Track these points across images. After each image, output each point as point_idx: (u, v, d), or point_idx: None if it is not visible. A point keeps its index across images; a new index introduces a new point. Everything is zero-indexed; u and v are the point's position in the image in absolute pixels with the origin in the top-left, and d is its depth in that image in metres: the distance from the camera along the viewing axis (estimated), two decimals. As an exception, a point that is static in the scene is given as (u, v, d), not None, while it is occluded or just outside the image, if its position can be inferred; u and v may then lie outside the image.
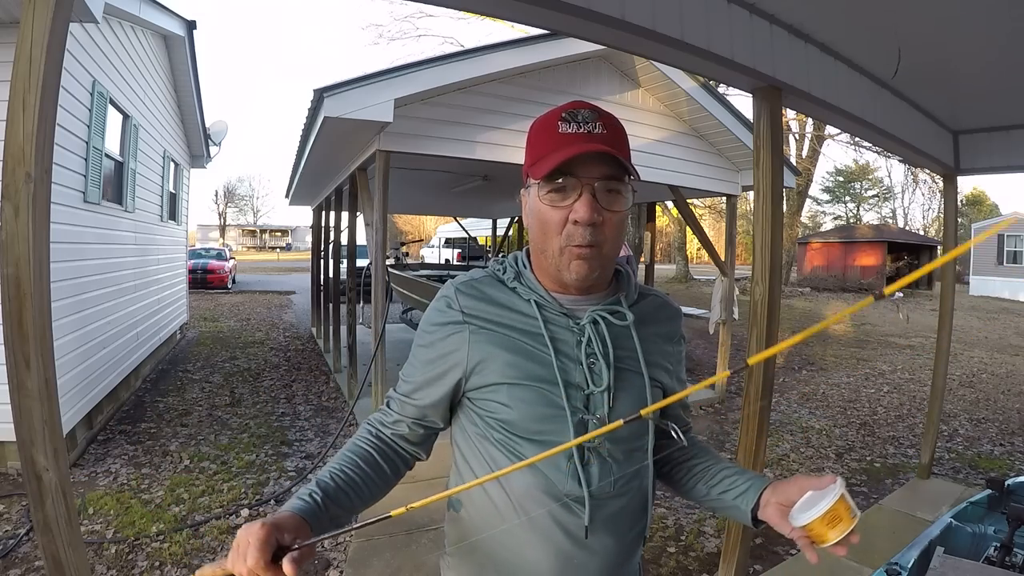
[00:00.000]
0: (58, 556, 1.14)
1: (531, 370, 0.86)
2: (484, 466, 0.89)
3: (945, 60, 2.44)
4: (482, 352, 0.87)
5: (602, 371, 0.87)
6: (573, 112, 0.84)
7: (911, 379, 7.50)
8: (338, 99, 3.58)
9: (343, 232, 6.85)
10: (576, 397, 0.86)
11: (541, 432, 0.85)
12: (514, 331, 0.88)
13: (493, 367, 0.86)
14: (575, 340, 0.88)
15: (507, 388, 0.86)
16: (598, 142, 0.82)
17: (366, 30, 72.01)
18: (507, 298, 0.90)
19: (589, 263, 0.84)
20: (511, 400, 0.86)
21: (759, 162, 2.13)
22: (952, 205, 3.96)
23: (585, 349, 0.87)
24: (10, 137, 1.06)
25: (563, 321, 0.89)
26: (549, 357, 0.86)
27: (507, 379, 0.86)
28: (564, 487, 0.85)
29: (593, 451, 0.87)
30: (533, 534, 0.86)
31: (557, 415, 0.85)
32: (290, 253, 47.68)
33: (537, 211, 0.86)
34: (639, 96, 5.17)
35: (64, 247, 3.85)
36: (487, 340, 0.87)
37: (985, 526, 2.02)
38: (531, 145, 0.88)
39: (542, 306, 0.89)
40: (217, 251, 18.73)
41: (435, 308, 0.93)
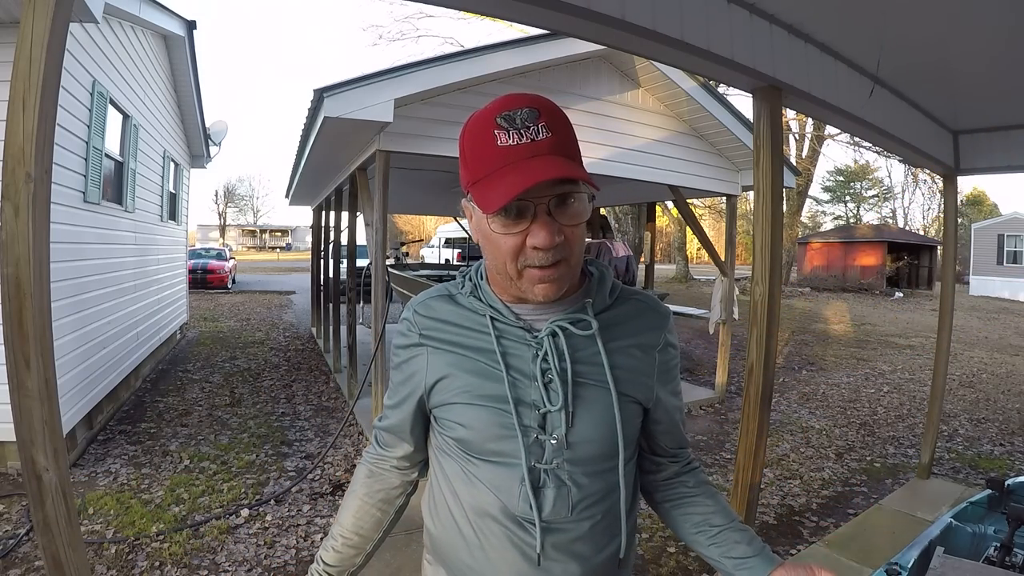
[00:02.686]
0: (58, 556, 1.14)
1: (484, 388, 0.83)
2: (445, 479, 0.90)
3: (945, 60, 2.44)
4: (439, 371, 0.86)
5: (558, 387, 0.81)
6: (509, 116, 0.73)
7: (911, 379, 7.49)
8: (338, 99, 3.58)
9: (343, 232, 6.85)
10: (529, 416, 0.82)
11: (494, 452, 0.83)
12: (468, 349, 0.85)
13: (448, 386, 0.85)
14: (531, 354, 0.83)
15: (460, 408, 0.84)
16: (545, 153, 0.73)
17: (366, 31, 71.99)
18: (462, 315, 0.87)
19: (556, 283, 0.78)
20: (465, 419, 0.84)
21: (759, 162, 2.13)
22: (952, 205, 3.96)
23: (540, 365, 0.82)
24: (10, 137, 1.06)
25: (519, 334, 0.84)
26: (502, 374, 0.82)
27: (460, 399, 0.84)
28: (517, 510, 0.82)
29: (549, 473, 0.82)
30: (492, 554, 0.84)
31: (510, 435, 0.81)
32: (290, 253, 47.67)
33: (487, 235, 0.78)
34: (639, 96, 5.17)
35: (64, 247, 3.85)
36: (443, 360, 0.86)
37: (985, 526, 2.02)
38: (467, 159, 0.77)
39: (496, 320, 0.85)
40: (217, 251, 18.73)
41: (399, 331, 0.93)
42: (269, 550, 2.90)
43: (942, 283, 3.99)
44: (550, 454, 0.82)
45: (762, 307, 2.13)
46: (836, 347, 9.83)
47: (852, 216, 41.60)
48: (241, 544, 2.95)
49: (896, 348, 9.88)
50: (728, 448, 4.63)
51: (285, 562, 2.81)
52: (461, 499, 0.87)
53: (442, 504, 0.91)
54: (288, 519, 3.23)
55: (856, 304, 17.36)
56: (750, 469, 2.16)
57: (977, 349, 10.04)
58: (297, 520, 3.22)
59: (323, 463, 4.02)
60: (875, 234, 23.84)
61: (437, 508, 0.92)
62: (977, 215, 36.06)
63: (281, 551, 2.90)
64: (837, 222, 40.79)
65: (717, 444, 4.75)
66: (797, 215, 22.70)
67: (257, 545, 2.95)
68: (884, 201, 42.40)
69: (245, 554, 2.85)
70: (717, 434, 5.01)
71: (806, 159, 20.90)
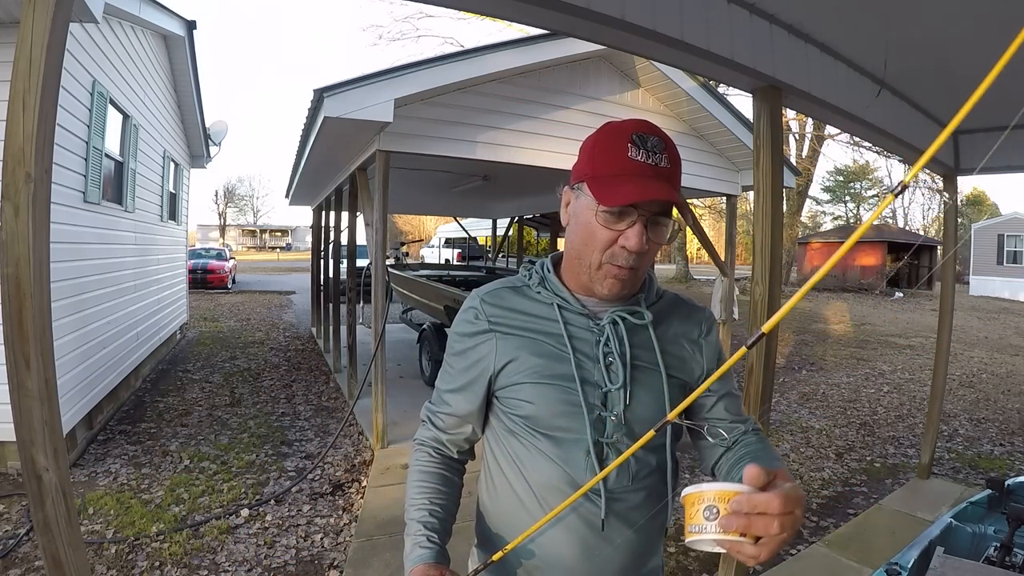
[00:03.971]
0: (58, 556, 1.14)
1: (552, 368, 0.90)
2: (509, 461, 0.95)
3: (945, 60, 2.44)
4: (508, 355, 0.92)
5: (618, 369, 0.90)
6: (643, 137, 0.85)
7: (911, 379, 7.49)
8: (338, 99, 3.58)
9: (343, 232, 6.85)
10: (593, 394, 0.90)
11: (560, 428, 0.90)
12: (537, 334, 0.93)
13: (518, 367, 0.92)
14: (594, 339, 0.92)
15: (530, 386, 0.91)
16: (664, 180, 0.85)
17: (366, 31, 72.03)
18: (530, 304, 0.95)
19: (623, 283, 0.89)
20: (533, 397, 0.91)
21: (759, 162, 2.14)
22: (952, 205, 3.96)
23: (603, 348, 0.91)
24: (10, 137, 1.06)
25: (583, 322, 0.93)
26: (568, 356, 0.90)
27: (530, 378, 0.91)
28: (582, 480, 0.88)
29: (611, 446, 0.90)
30: (556, 525, 0.89)
31: (575, 412, 0.89)
32: (290, 253, 47.66)
33: (587, 223, 0.88)
34: (639, 96, 5.17)
35: (64, 247, 3.85)
36: (512, 344, 0.93)
37: (985, 526, 2.02)
38: (595, 155, 0.88)
39: (563, 308, 0.94)
40: (217, 251, 18.73)
41: (463, 319, 0.98)
42: (269, 550, 2.90)
43: (942, 283, 4.00)
44: (611, 429, 0.90)
45: (762, 307, 2.13)
46: (836, 347, 9.83)
47: (852, 216, 41.59)
48: (241, 544, 2.95)
49: (896, 348, 9.88)
50: (728, 448, 4.62)
51: (285, 562, 2.81)
52: (526, 476, 0.92)
53: (503, 485, 0.96)
54: (288, 519, 3.23)
55: (856, 304, 17.36)
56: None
57: (977, 349, 10.04)
58: (297, 520, 3.22)
59: (323, 463, 4.02)
60: (875, 234, 23.85)
61: (497, 490, 0.97)
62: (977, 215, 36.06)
63: (281, 551, 2.90)
64: (837, 222, 40.81)
65: (717, 444, 4.74)
66: (797, 215, 22.70)
67: (257, 545, 2.95)
68: (884, 201, 42.34)
69: (245, 554, 2.85)
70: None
71: (806, 159, 20.91)
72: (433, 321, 6.22)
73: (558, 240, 12.70)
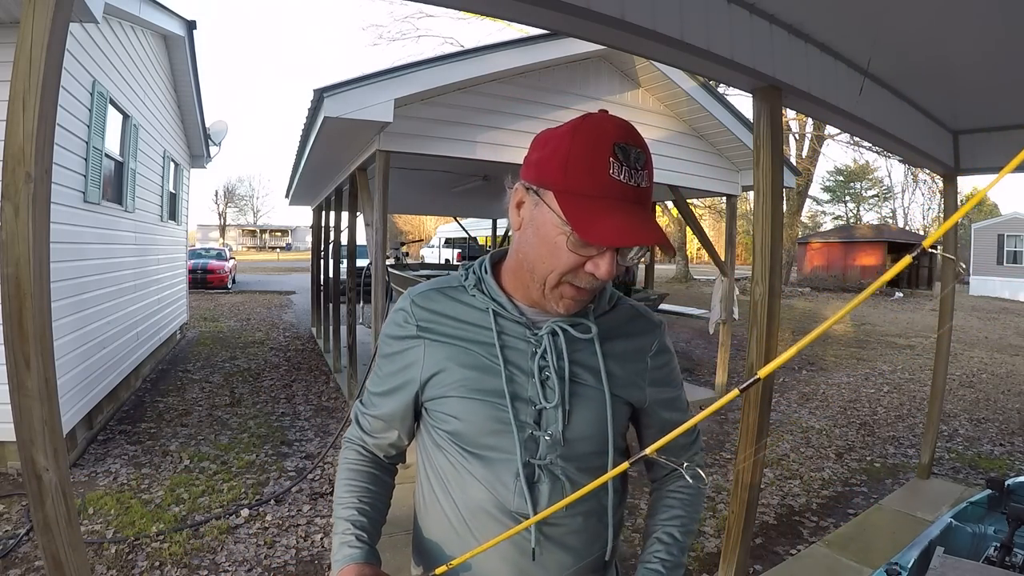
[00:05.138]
0: (58, 556, 1.14)
1: (481, 382, 0.83)
2: (437, 478, 0.89)
3: (945, 60, 2.44)
4: (436, 364, 0.86)
5: (555, 385, 0.83)
6: (626, 148, 0.74)
7: (911, 379, 7.49)
8: (338, 99, 3.58)
9: (343, 232, 6.85)
10: (525, 411, 0.83)
11: (488, 447, 0.84)
12: (468, 343, 0.85)
13: (445, 379, 0.85)
14: (530, 351, 0.84)
15: (456, 400, 0.84)
16: (644, 206, 0.75)
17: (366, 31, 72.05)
18: (462, 309, 0.87)
19: (580, 304, 0.82)
20: (460, 412, 0.84)
21: (759, 162, 2.14)
22: (952, 205, 3.96)
23: (539, 362, 0.83)
24: (10, 137, 1.06)
25: (519, 331, 0.85)
26: (499, 368, 0.83)
27: (457, 391, 0.84)
28: (511, 504, 0.83)
29: (544, 468, 0.84)
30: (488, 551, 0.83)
31: (505, 430, 0.83)
32: (290, 253, 47.67)
33: (549, 240, 0.76)
34: (639, 96, 5.17)
35: (64, 247, 3.85)
36: (441, 353, 0.85)
37: (985, 526, 2.02)
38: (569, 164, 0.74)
39: (498, 314, 0.86)
40: (217, 251, 18.73)
41: (393, 320, 0.91)
42: (269, 550, 2.90)
43: (942, 283, 4.00)
44: (544, 450, 0.84)
45: (762, 307, 2.13)
46: (836, 347, 9.83)
47: (852, 216, 41.60)
48: (241, 544, 2.95)
49: (896, 348, 9.88)
50: (728, 448, 4.63)
51: (285, 562, 2.81)
52: (453, 496, 0.87)
53: (432, 502, 0.91)
54: (288, 519, 3.23)
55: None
56: (749, 469, 2.16)
57: (977, 349, 10.04)
58: (297, 520, 3.22)
59: (323, 463, 4.02)
60: (875, 234, 23.88)
61: (427, 507, 0.92)
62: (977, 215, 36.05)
63: (281, 551, 2.90)
64: (837, 222, 40.80)
65: (717, 444, 4.75)
66: (797, 215, 22.70)
67: (257, 545, 2.95)
68: (884, 201, 42.41)
69: (245, 554, 2.85)
70: (717, 434, 5.01)
71: (806, 159, 20.90)
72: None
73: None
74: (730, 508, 2.29)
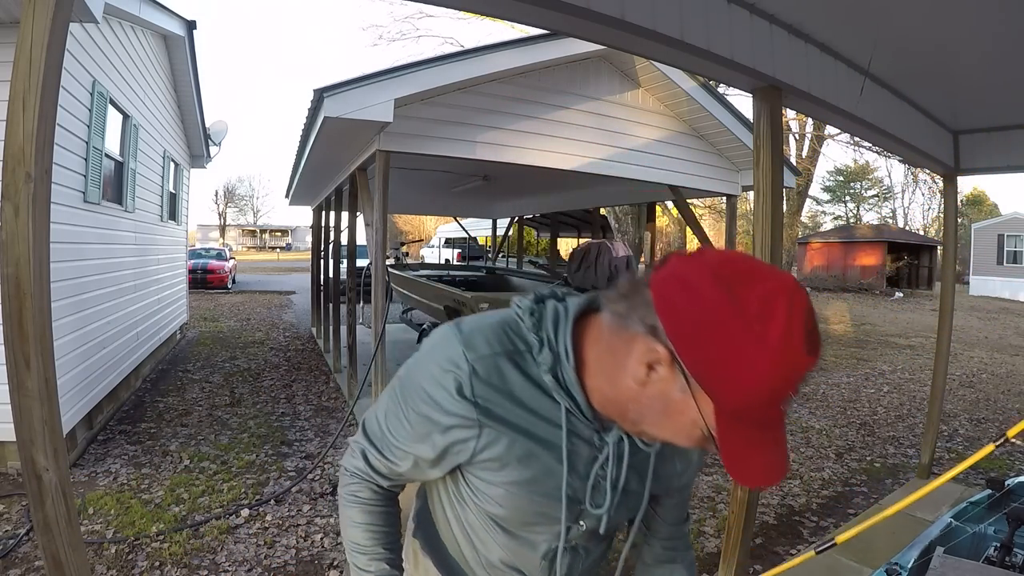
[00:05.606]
0: (58, 556, 1.14)
1: (538, 485, 0.78)
2: (459, 524, 0.88)
3: (945, 59, 2.44)
4: (491, 453, 0.76)
5: (606, 494, 0.81)
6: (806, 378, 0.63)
7: (911, 379, 7.49)
8: (338, 99, 3.58)
9: (343, 232, 6.85)
10: (571, 510, 0.82)
11: (527, 531, 0.84)
12: (534, 440, 0.76)
13: (499, 470, 0.78)
14: (591, 455, 0.79)
15: (505, 491, 0.79)
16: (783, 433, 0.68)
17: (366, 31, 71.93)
18: (531, 391, 0.76)
19: None
20: (505, 502, 0.81)
21: (759, 162, 2.14)
22: (952, 205, 3.96)
23: (597, 470, 0.80)
24: (10, 137, 1.06)
25: (587, 433, 0.78)
26: (561, 477, 0.78)
27: (508, 486, 0.79)
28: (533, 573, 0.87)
29: (569, 549, 0.86)
30: None
31: (545, 522, 0.83)
32: (290, 253, 47.65)
33: (680, 426, 0.68)
34: (639, 96, 5.17)
35: (64, 247, 3.85)
36: (501, 445, 0.76)
37: (985, 526, 2.02)
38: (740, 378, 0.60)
39: (571, 414, 0.76)
40: (217, 251, 18.73)
41: (442, 385, 0.74)
42: (269, 550, 2.90)
43: (942, 283, 4.00)
44: (575, 535, 0.85)
45: (762, 307, 2.13)
46: (836, 347, 9.83)
47: (852, 216, 41.58)
48: (241, 544, 2.95)
49: (896, 348, 9.87)
50: (728, 448, 4.62)
51: (285, 562, 2.81)
52: (476, 546, 0.88)
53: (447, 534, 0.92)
54: (288, 519, 3.23)
55: (856, 304, 17.35)
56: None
57: (977, 349, 10.04)
58: (297, 520, 3.22)
59: (323, 463, 4.02)
60: (875, 234, 23.86)
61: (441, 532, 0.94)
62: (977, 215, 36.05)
63: (281, 551, 2.90)
64: (837, 222, 40.76)
65: (717, 444, 4.75)
66: (797, 215, 22.67)
67: (257, 545, 2.95)
68: (884, 201, 42.39)
69: (245, 554, 2.85)
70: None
71: (806, 159, 20.87)
72: (433, 321, 6.22)
73: (557, 240, 12.69)
74: (730, 508, 2.29)
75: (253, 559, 2.81)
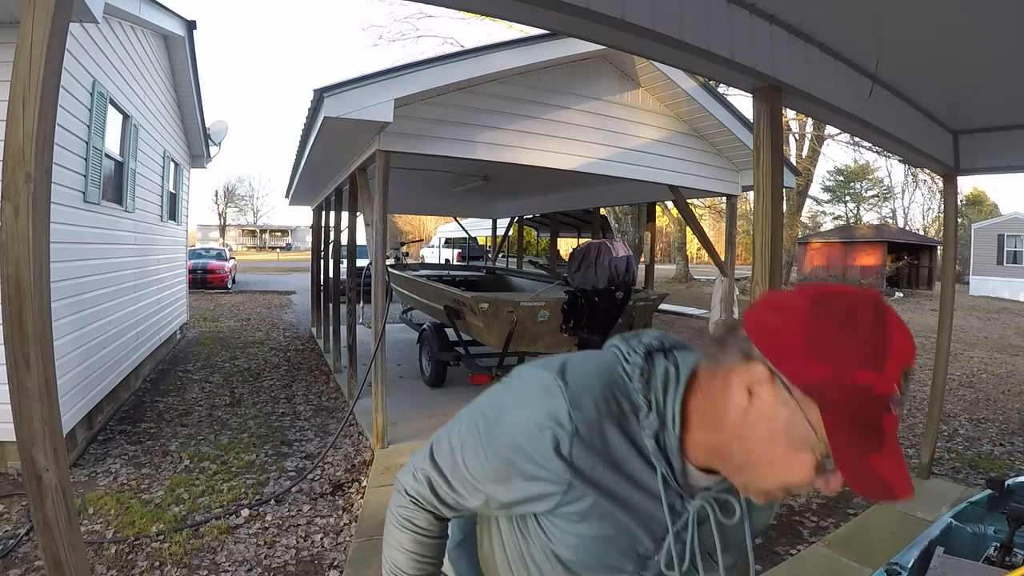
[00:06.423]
0: (58, 556, 1.14)
1: (615, 541, 0.75)
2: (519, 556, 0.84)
3: (945, 60, 2.44)
4: (574, 507, 0.73)
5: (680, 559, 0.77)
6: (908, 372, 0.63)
7: (911, 379, 7.49)
8: (338, 99, 3.58)
9: (343, 232, 6.85)
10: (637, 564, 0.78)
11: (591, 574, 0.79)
12: (619, 502, 0.73)
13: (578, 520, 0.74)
14: (672, 518, 0.76)
15: (579, 540, 0.75)
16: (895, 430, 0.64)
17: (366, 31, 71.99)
18: (629, 455, 0.73)
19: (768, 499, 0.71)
20: (578, 551, 0.76)
21: (759, 162, 2.14)
22: (952, 205, 3.96)
23: (676, 535, 0.76)
24: (10, 137, 1.06)
25: (672, 497, 0.75)
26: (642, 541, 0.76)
27: (585, 536, 0.75)
28: None
29: None
30: None
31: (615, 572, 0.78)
32: (290, 253, 47.64)
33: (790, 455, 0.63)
34: (639, 96, 5.17)
35: (64, 247, 3.85)
36: (586, 499, 0.73)
37: (985, 526, 2.02)
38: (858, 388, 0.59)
39: (666, 481, 0.74)
40: (217, 251, 18.74)
41: (539, 440, 0.71)
42: (269, 550, 2.90)
43: (942, 283, 4.00)
44: None
45: (762, 307, 2.13)
46: (836, 347, 9.82)
47: (852, 216, 41.58)
48: (241, 544, 2.95)
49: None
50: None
51: (285, 562, 2.81)
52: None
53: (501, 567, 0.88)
54: (288, 519, 3.23)
55: None
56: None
57: (977, 349, 10.04)
58: (297, 520, 3.22)
59: (323, 463, 4.02)
60: (875, 234, 23.86)
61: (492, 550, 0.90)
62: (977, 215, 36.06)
63: (281, 551, 2.90)
64: (837, 222, 40.77)
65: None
66: (797, 215, 22.69)
67: (257, 545, 2.95)
68: (884, 201, 42.41)
69: (245, 554, 2.85)
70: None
71: (806, 159, 20.89)
72: (433, 321, 6.22)
73: (557, 240, 12.68)
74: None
75: (253, 559, 2.81)
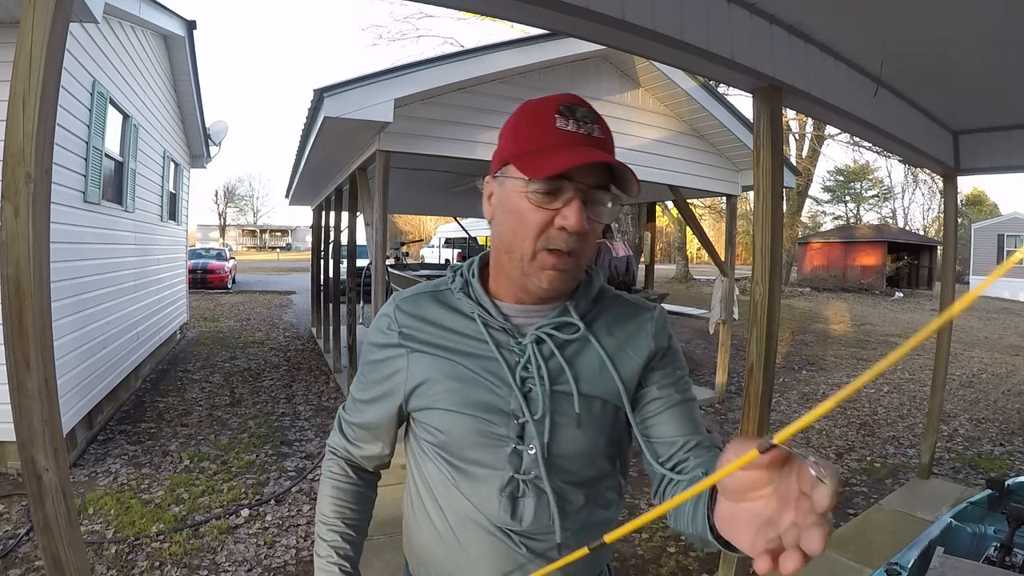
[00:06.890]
0: (58, 556, 1.14)
1: (465, 395, 0.81)
2: (424, 484, 0.87)
3: (945, 60, 2.44)
4: (419, 375, 0.84)
5: (539, 397, 0.79)
6: (571, 107, 0.76)
7: (911, 379, 7.49)
8: (338, 99, 3.58)
9: (343, 232, 6.85)
10: (508, 425, 0.80)
11: (472, 461, 0.82)
12: (451, 352, 0.83)
13: (429, 390, 0.83)
14: (513, 361, 0.81)
15: (440, 413, 0.82)
16: (597, 148, 0.76)
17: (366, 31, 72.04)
18: (448, 315, 0.85)
19: (564, 275, 0.77)
20: (444, 425, 0.82)
21: (759, 162, 2.14)
22: (952, 205, 3.96)
23: (520, 372, 0.80)
24: (10, 137, 1.06)
25: (504, 339, 0.82)
26: (483, 382, 0.81)
27: (440, 405, 0.82)
28: (497, 520, 0.81)
29: (528, 483, 0.80)
30: (475, 559, 0.83)
31: (489, 444, 0.80)
32: (290, 253, 47.66)
33: (515, 208, 0.76)
34: (639, 96, 5.17)
35: (64, 247, 3.85)
36: (424, 363, 0.84)
37: (985, 526, 2.02)
38: (518, 133, 0.79)
39: (486, 323, 0.83)
40: (217, 251, 18.72)
41: (376, 327, 0.90)
42: (269, 550, 2.90)
43: (942, 283, 3.99)
44: (528, 464, 0.80)
45: (762, 307, 2.13)
46: (836, 347, 9.83)
47: (852, 216, 41.58)
48: (241, 544, 2.95)
49: (896, 348, 9.86)
50: (728, 448, 4.62)
51: (285, 562, 2.81)
52: (440, 504, 0.85)
53: (420, 509, 0.89)
54: (288, 519, 3.23)
55: (856, 304, 17.36)
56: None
57: (977, 349, 10.04)
58: (297, 520, 3.22)
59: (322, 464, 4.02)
60: (875, 234, 23.86)
61: (416, 514, 0.90)
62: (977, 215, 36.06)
63: (281, 551, 2.90)
64: (837, 222, 40.77)
65: (717, 444, 4.75)
66: (797, 215, 22.69)
67: (257, 545, 2.95)
68: (884, 201, 42.41)
69: (245, 554, 2.85)
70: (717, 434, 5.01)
71: (806, 159, 20.90)
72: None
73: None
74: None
75: (253, 559, 2.81)
